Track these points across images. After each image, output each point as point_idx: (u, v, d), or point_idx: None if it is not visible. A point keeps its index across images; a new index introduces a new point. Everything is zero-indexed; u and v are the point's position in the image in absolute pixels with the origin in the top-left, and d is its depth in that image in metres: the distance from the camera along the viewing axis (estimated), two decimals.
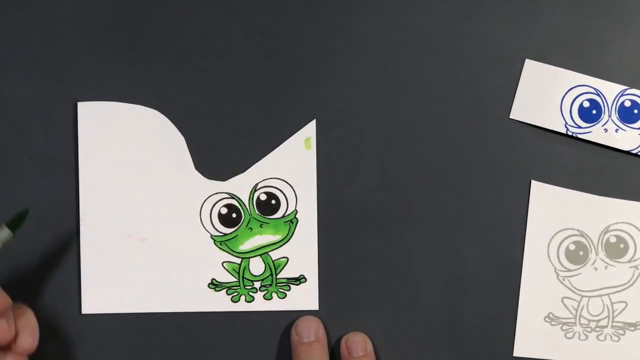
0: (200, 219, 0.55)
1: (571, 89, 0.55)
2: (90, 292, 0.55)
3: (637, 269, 0.55)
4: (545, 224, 0.55)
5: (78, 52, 0.55)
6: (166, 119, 0.55)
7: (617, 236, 0.55)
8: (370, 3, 0.55)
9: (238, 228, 0.56)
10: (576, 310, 0.55)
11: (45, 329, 0.55)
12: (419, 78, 0.55)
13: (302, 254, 0.56)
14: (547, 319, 0.55)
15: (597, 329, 0.55)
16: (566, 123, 0.55)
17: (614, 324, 0.55)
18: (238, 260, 0.56)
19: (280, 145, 0.55)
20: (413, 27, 0.55)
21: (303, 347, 0.54)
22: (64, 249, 0.55)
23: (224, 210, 0.56)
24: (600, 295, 0.55)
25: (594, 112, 0.54)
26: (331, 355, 0.55)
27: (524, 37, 0.55)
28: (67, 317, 0.55)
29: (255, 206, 0.56)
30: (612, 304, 0.55)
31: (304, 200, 0.56)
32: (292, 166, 0.55)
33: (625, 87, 0.54)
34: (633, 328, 0.55)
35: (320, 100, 0.56)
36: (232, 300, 0.56)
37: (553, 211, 0.55)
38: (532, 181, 0.55)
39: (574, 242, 0.55)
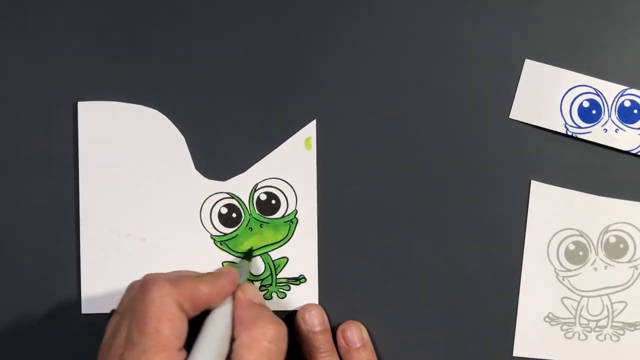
0: (201, 219, 0.55)
1: (571, 89, 0.55)
2: (90, 292, 0.55)
3: (637, 269, 0.55)
4: (545, 224, 0.55)
5: (78, 52, 0.55)
6: (166, 118, 0.55)
7: (616, 236, 0.55)
8: (370, 3, 0.55)
9: (238, 228, 0.56)
10: (576, 310, 0.55)
11: (45, 329, 0.55)
12: (419, 78, 0.55)
13: (302, 254, 0.56)
14: (547, 319, 0.55)
15: (597, 329, 0.55)
16: (566, 123, 0.55)
17: (614, 324, 0.55)
18: (238, 260, 0.56)
19: (281, 145, 0.55)
20: (413, 27, 0.55)
21: (312, 335, 0.54)
22: (64, 249, 0.55)
23: (224, 210, 0.56)
24: (600, 295, 0.55)
25: (594, 112, 0.54)
26: None
27: (524, 37, 0.55)
28: (67, 317, 0.55)
29: (255, 206, 0.56)
30: (611, 304, 0.55)
31: (304, 200, 0.56)
32: (292, 166, 0.56)
33: (625, 87, 0.54)
34: (633, 328, 0.55)
35: (320, 100, 0.56)
36: None
37: (553, 211, 0.55)
38: (532, 181, 0.55)
39: (574, 242, 0.55)
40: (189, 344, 0.46)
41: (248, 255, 0.55)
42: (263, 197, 0.56)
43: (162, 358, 0.43)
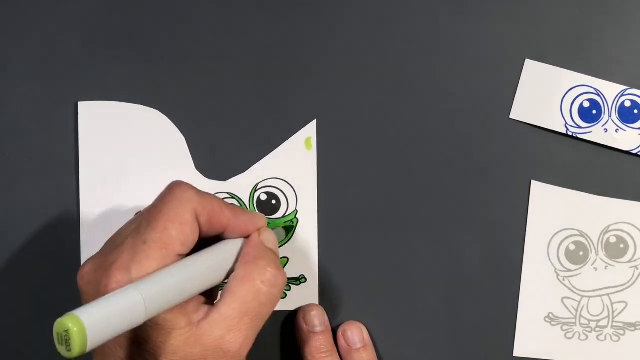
0: None
1: (571, 89, 0.55)
2: None
3: (637, 269, 0.55)
4: (545, 224, 0.55)
5: (78, 52, 0.55)
6: (167, 118, 0.55)
7: (617, 236, 0.55)
8: (370, 3, 0.55)
9: None
10: (576, 310, 0.55)
11: (46, 330, 0.55)
12: (419, 78, 0.55)
13: (302, 254, 0.56)
14: (547, 319, 0.55)
15: (597, 329, 0.55)
16: (566, 123, 0.55)
17: (614, 324, 0.55)
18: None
19: (281, 145, 0.55)
20: (413, 27, 0.55)
21: (313, 336, 0.54)
22: (64, 249, 0.55)
23: None
24: (600, 296, 0.55)
25: (594, 112, 0.54)
26: None
27: (524, 37, 0.55)
28: None
29: (255, 206, 0.56)
30: (612, 304, 0.55)
31: (304, 200, 0.56)
32: (292, 166, 0.55)
33: (625, 87, 0.54)
34: (633, 328, 0.55)
35: (320, 100, 0.56)
36: None
37: (553, 211, 0.55)
38: (532, 181, 0.55)
39: (574, 242, 0.55)
40: None
41: (287, 229, 0.55)
42: (263, 197, 0.56)
43: (160, 255, 0.43)
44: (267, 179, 0.56)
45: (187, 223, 0.44)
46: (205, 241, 0.46)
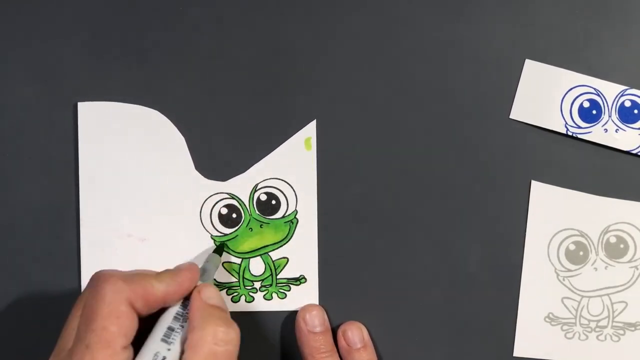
0: (201, 219, 0.55)
1: (571, 89, 0.55)
2: None
3: (637, 269, 0.55)
4: (545, 224, 0.55)
5: (78, 52, 0.55)
6: (166, 119, 0.55)
7: (617, 236, 0.55)
8: (370, 3, 0.55)
9: (238, 228, 0.56)
10: (576, 310, 0.55)
11: (45, 330, 0.55)
12: (419, 78, 0.55)
13: (302, 254, 0.56)
14: (547, 319, 0.55)
15: (597, 329, 0.55)
16: (566, 123, 0.55)
17: (614, 324, 0.55)
18: (238, 261, 0.56)
19: (281, 146, 0.55)
20: (413, 27, 0.55)
21: (312, 336, 0.54)
22: (64, 249, 0.55)
23: (224, 211, 0.56)
24: (600, 296, 0.55)
25: (594, 112, 0.54)
26: None
27: (524, 37, 0.55)
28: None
29: (255, 206, 0.56)
30: (612, 304, 0.55)
31: (304, 201, 0.56)
32: (292, 166, 0.55)
33: (625, 87, 0.54)
34: (633, 328, 0.55)
35: (320, 101, 0.56)
36: (232, 301, 0.56)
37: (553, 211, 0.55)
38: (532, 181, 0.55)
39: (574, 242, 0.55)
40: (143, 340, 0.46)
41: (219, 250, 0.55)
42: (263, 198, 0.56)
43: (106, 355, 0.43)
44: (267, 179, 0.56)
45: (124, 315, 0.44)
46: (149, 318, 0.46)
